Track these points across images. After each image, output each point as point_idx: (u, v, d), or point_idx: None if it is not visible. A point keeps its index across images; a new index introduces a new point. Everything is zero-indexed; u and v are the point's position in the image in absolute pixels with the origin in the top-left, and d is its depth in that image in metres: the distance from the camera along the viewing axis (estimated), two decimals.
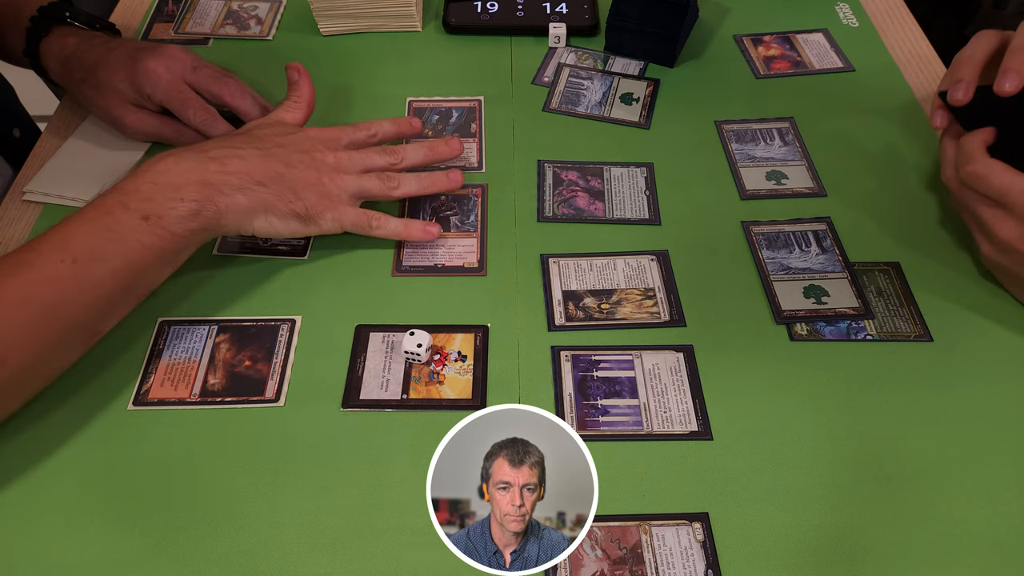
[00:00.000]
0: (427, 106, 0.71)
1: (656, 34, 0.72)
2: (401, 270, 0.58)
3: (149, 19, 0.80)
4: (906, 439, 0.49)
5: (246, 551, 0.44)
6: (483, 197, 0.63)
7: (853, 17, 0.80)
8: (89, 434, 0.49)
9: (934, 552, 0.44)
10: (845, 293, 0.56)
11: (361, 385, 0.51)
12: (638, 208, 0.62)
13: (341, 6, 0.75)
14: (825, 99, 0.71)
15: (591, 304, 0.56)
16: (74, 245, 0.46)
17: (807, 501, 0.46)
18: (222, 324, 0.54)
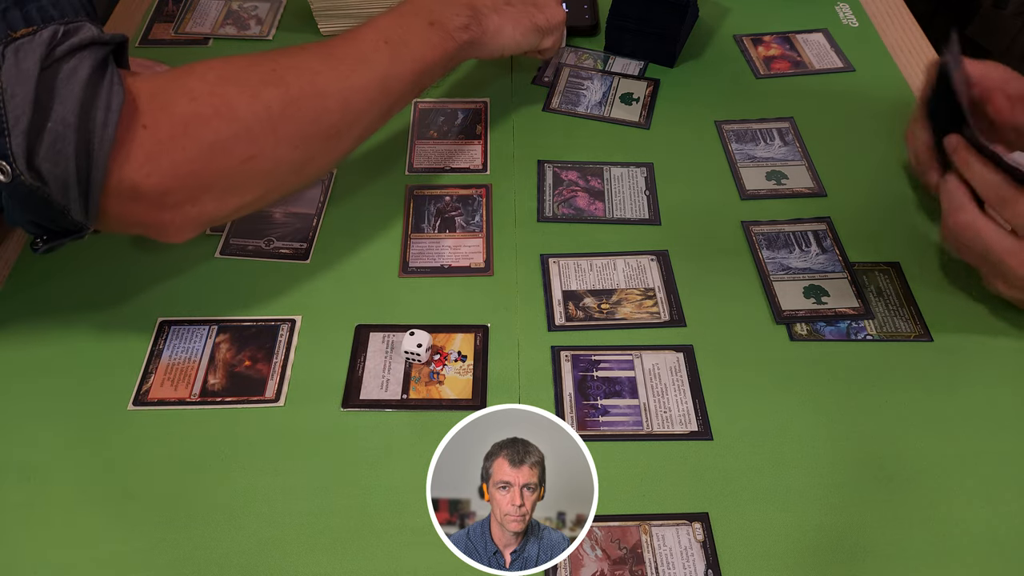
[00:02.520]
0: (432, 107, 0.71)
1: (656, 34, 0.72)
2: (408, 271, 0.58)
3: (149, 19, 0.80)
4: (906, 439, 0.49)
5: (246, 551, 0.44)
6: (487, 197, 0.63)
7: (853, 17, 0.80)
8: (89, 434, 0.49)
9: (934, 552, 0.44)
10: (845, 293, 0.56)
11: (361, 385, 0.51)
12: (638, 208, 0.62)
13: (341, 6, 0.75)
14: (825, 99, 0.71)
15: (591, 304, 0.56)
16: (385, 31, 0.55)
17: (807, 501, 0.46)
18: (222, 324, 0.54)
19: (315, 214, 0.61)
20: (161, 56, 0.75)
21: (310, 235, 0.60)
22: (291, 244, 0.59)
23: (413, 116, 0.70)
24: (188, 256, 0.58)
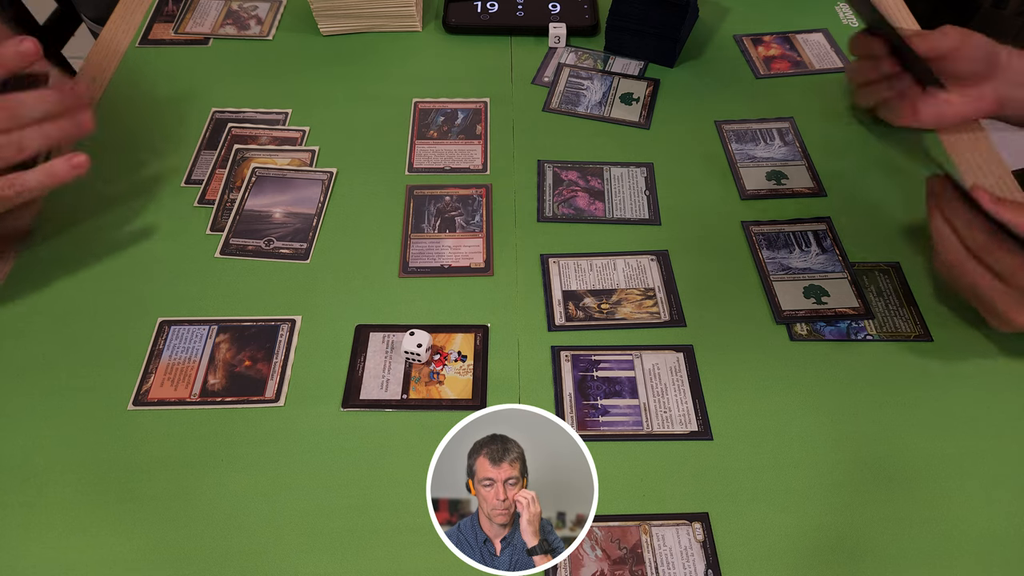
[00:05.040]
0: (433, 107, 0.71)
1: (656, 34, 0.72)
2: (408, 271, 0.58)
3: (149, 19, 0.80)
4: (906, 439, 0.49)
5: (246, 551, 0.44)
6: (487, 197, 0.63)
7: (853, 17, 0.80)
8: (89, 434, 0.49)
9: (934, 552, 0.44)
10: (845, 293, 0.56)
11: (361, 385, 0.51)
12: (638, 208, 0.62)
13: (341, 6, 0.75)
14: (825, 99, 0.71)
15: (591, 304, 0.56)
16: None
17: (807, 501, 0.46)
18: (222, 324, 0.54)
19: (315, 214, 0.62)
20: (161, 56, 0.75)
21: (310, 235, 0.60)
22: (291, 244, 0.59)
23: (413, 116, 0.70)
24: (188, 256, 0.58)
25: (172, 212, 0.62)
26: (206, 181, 0.64)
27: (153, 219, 0.61)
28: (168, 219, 0.61)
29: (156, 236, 0.60)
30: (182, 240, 0.60)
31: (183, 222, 0.61)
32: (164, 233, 0.60)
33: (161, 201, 0.62)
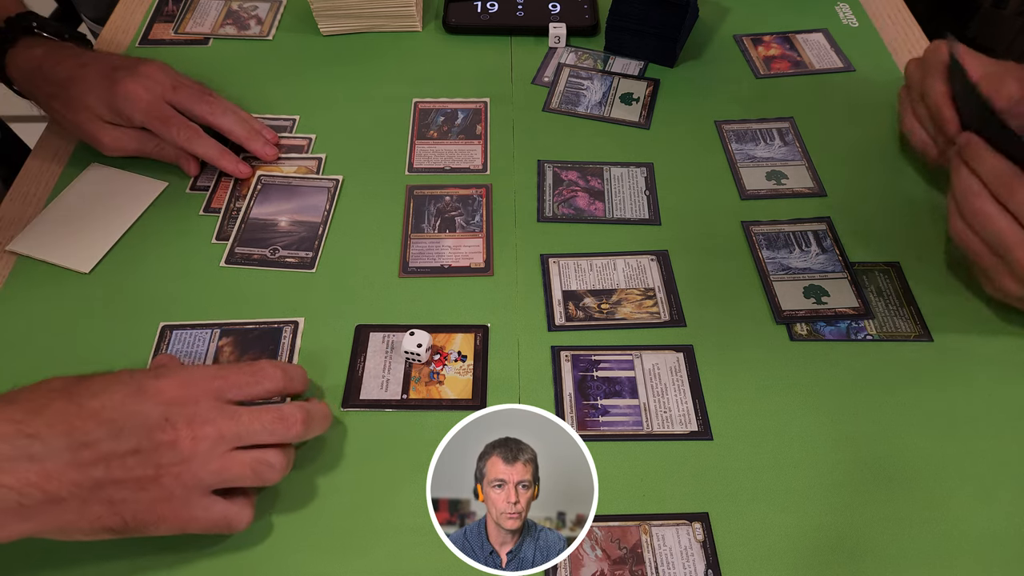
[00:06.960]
0: (433, 107, 0.71)
1: (656, 34, 0.72)
2: (408, 271, 0.58)
3: (149, 19, 0.80)
4: (906, 439, 0.49)
5: (246, 551, 0.44)
6: (487, 197, 0.63)
7: (853, 17, 0.80)
8: None
9: (934, 552, 0.44)
10: (845, 293, 0.56)
11: (361, 385, 0.51)
12: (638, 208, 0.62)
13: (341, 6, 0.75)
14: (825, 99, 0.71)
15: (591, 304, 0.56)
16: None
17: (807, 501, 0.46)
18: (225, 328, 0.54)
19: (321, 222, 0.61)
20: (161, 56, 0.75)
21: (316, 244, 0.59)
22: (296, 253, 0.59)
23: (413, 116, 0.70)
24: (193, 265, 0.58)
25: (177, 220, 0.61)
26: (212, 189, 0.64)
27: (157, 227, 0.61)
28: (173, 227, 0.61)
29: (161, 244, 0.60)
30: (187, 248, 0.59)
31: (188, 230, 0.61)
32: (169, 241, 0.60)
33: (166, 209, 0.62)
